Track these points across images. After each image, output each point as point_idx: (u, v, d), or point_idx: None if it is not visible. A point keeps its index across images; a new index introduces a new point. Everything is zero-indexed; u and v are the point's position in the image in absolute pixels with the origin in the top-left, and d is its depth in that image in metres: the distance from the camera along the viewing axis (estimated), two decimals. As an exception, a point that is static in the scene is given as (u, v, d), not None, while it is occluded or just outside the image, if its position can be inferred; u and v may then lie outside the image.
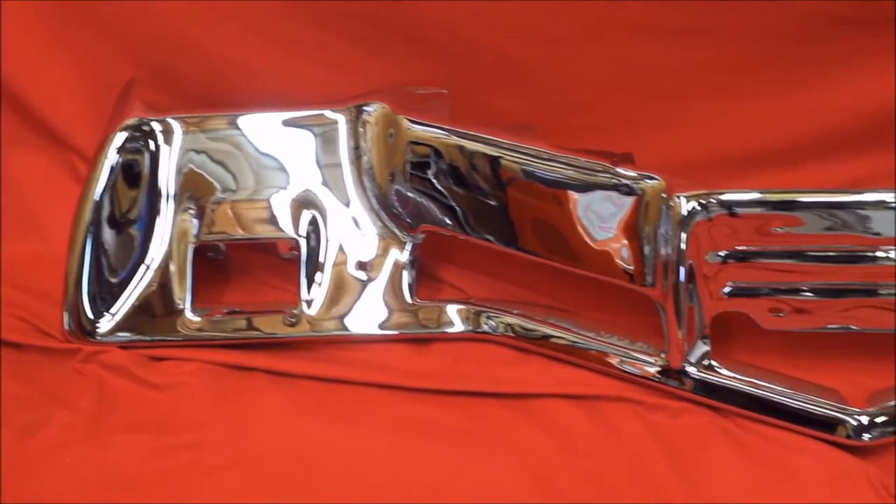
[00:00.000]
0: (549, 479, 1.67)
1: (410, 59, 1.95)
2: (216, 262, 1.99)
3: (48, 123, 2.04)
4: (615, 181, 1.73)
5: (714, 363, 1.77)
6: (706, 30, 1.88)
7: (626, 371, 1.81)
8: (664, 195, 1.70)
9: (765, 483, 1.68)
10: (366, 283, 1.89)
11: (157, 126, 1.88)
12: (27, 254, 2.00)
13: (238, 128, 1.89)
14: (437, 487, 1.66)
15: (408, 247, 1.90)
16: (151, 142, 1.88)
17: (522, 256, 1.83)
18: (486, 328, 1.88)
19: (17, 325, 1.89)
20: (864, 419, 1.72)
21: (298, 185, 1.89)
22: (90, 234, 1.86)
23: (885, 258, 1.68)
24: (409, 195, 1.87)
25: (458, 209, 1.84)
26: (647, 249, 1.72)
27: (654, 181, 1.71)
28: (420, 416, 1.76)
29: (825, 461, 1.70)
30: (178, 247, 1.88)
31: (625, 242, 1.74)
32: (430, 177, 1.85)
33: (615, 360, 1.82)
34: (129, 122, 1.87)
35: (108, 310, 1.87)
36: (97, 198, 1.86)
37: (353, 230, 1.90)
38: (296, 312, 1.88)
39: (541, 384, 1.81)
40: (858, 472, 1.68)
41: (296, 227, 1.89)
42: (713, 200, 1.68)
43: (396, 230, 1.89)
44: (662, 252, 1.71)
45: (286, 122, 1.89)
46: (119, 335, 1.87)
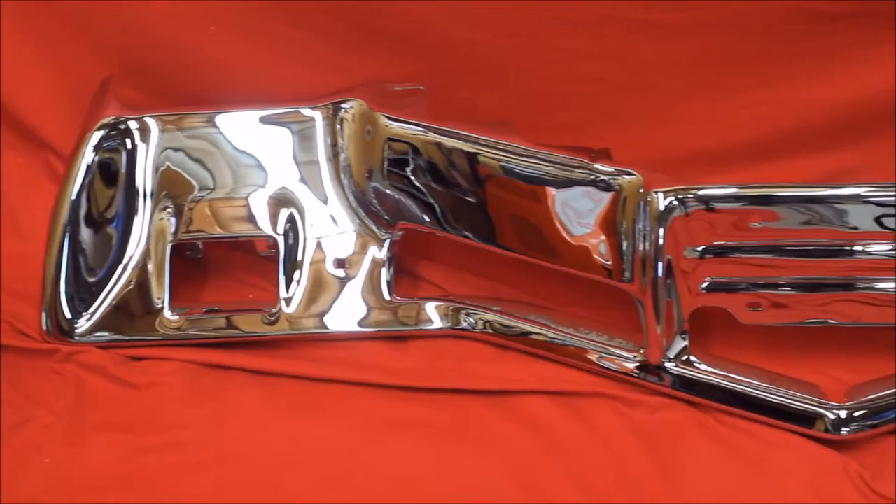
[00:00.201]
0: (529, 476, 1.67)
1: (388, 56, 1.95)
2: (194, 261, 1.98)
3: (24, 122, 2.03)
4: (593, 177, 1.73)
5: (693, 358, 1.78)
6: (685, 26, 1.88)
7: (605, 367, 1.81)
8: (642, 190, 1.70)
9: (744, 477, 1.68)
10: (344, 281, 1.89)
11: (134, 124, 1.87)
12: (4, 253, 1.99)
13: (215, 126, 1.89)
14: (417, 484, 1.66)
15: (386, 244, 1.89)
16: (128, 140, 1.87)
17: (501, 253, 1.83)
18: (465, 325, 1.88)
19: (-5, 326, 1.89)
20: (843, 413, 1.72)
21: (276, 183, 1.89)
22: (67, 234, 1.86)
23: (863, 252, 1.68)
24: (387, 192, 1.87)
25: (437, 206, 1.84)
26: (625, 245, 1.72)
27: (632, 177, 1.71)
28: (399, 414, 1.76)
29: (804, 455, 1.71)
30: (156, 246, 1.87)
31: (603, 238, 1.74)
32: (408, 174, 1.84)
33: (594, 356, 1.82)
34: (106, 121, 1.87)
35: (87, 309, 1.87)
36: (74, 197, 1.86)
37: (331, 228, 1.89)
38: (274, 311, 1.87)
39: (520, 381, 1.81)
40: (837, 466, 1.68)
41: (274, 225, 1.89)
42: (690, 195, 1.69)
43: (374, 227, 1.89)
44: (640, 247, 1.71)
45: (263, 120, 1.89)
46: (97, 335, 1.86)
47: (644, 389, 1.79)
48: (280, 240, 1.89)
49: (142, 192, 1.88)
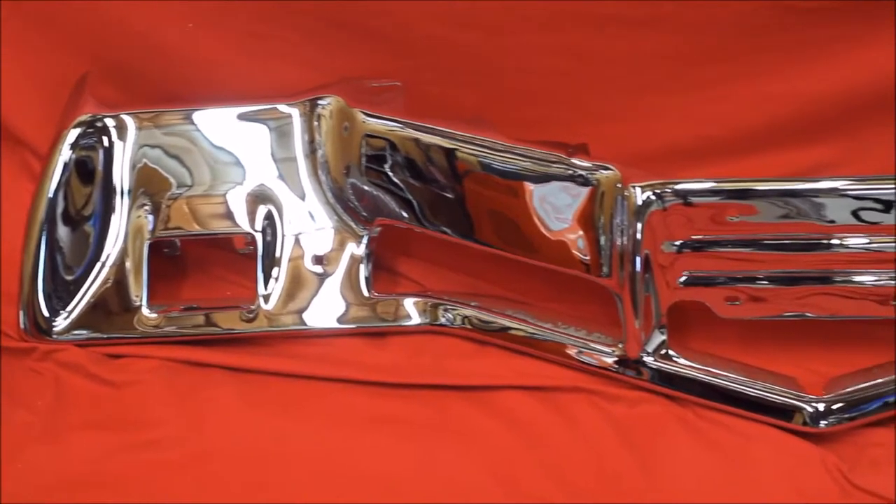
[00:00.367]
0: (508, 471, 1.67)
1: (364, 52, 1.94)
2: (172, 259, 1.98)
3: (0, 121, 2.02)
4: (570, 172, 1.73)
5: (671, 352, 1.78)
6: (659, 21, 1.87)
7: (584, 362, 1.81)
8: (619, 185, 1.70)
9: (723, 471, 1.69)
10: (323, 278, 1.89)
11: (111, 122, 1.87)
12: (-19, 252, 1.99)
13: (192, 123, 1.88)
14: (396, 480, 1.66)
15: (364, 240, 1.89)
16: (105, 138, 1.87)
17: (479, 248, 1.83)
18: (444, 321, 1.88)
19: (-28, 325, 1.88)
20: (821, 406, 1.73)
21: (254, 180, 1.89)
22: (45, 232, 1.85)
23: (840, 245, 1.69)
24: (365, 188, 1.86)
25: (415, 202, 1.84)
26: (603, 240, 1.72)
27: (609, 171, 1.71)
28: (378, 410, 1.76)
29: (782, 448, 1.71)
30: (134, 243, 1.87)
31: (580, 233, 1.74)
32: (386, 170, 1.84)
33: (573, 351, 1.82)
34: (82, 119, 1.86)
35: (64, 308, 1.86)
36: (51, 195, 1.85)
37: (309, 224, 1.89)
38: (253, 308, 1.87)
39: (499, 376, 1.81)
40: (815, 459, 1.69)
41: (251, 222, 1.88)
42: (668, 190, 1.69)
43: (353, 224, 1.89)
44: (618, 242, 1.71)
45: (240, 117, 1.88)
46: (75, 333, 1.86)
47: (623, 384, 1.79)
48: (258, 236, 1.88)
49: (119, 190, 1.87)
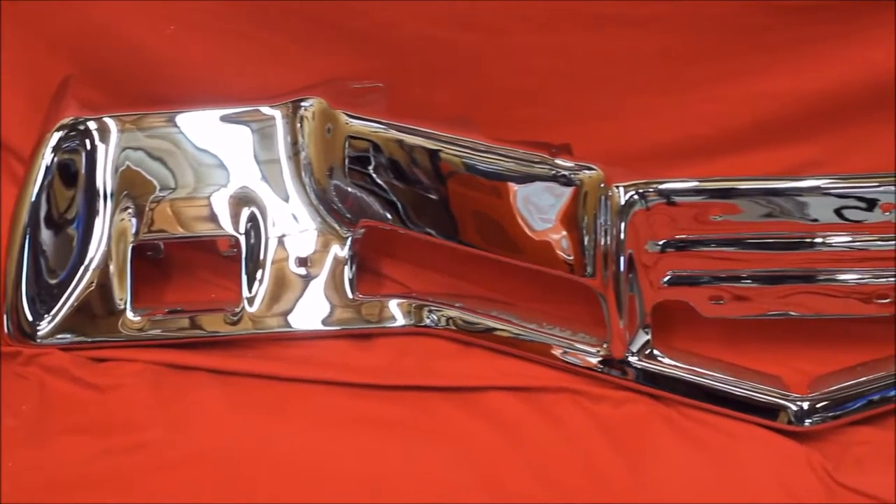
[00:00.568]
0: (493, 472, 1.67)
1: (346, 53, 1.94)
2: (156, 262, 1.97)
3: (-17, 125, 2.02)
4: (553, 172, 1.73)
5: (656, 352, 1.78)
6: (645, 21, 1.88)
7: (569, 362, 1.81)
8: (603, 185, 1.70)
9: (709, 470, 1.68)
10: (307, 280, 1.88)
11: (93, 125, 1.86)
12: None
13: (175, 125, 1.88)
14: (381, 481, 1.66)
15: (348, 242, 1.89)
16: (87, 141, 1.86)
17: (463, 249, 1.83)
18: (429, 322, 1.88)
19: (-45, 329, 1.88)
20: (806, 405, 1.73)
21: (237, 182, 1.88)
22: (28, 236, 1.85)
23: (823, 244, 1.69)
24: (349, 190, 1.86)
25: (398, 203, 1.84)
26: (587, 240, 1.72)
27: (593, 171, 1.71)
28: (363, 412, 1.75)
29: (767, 447, 1.71)
30: (117, 246, 1.87)
31: (564, 233, 1.74)
32: (369, 171, 1.84)
33: (558, 352, 1.82)
34: (65, 122, 1.86)
35: (48, 312, 1.85)
36: (34, 198, 1.84)
37: (293, 226, 1.89)
38: (237, 310, 1.87)
39: (484, 377, 1.81)
40: (801, 458, 1.69)
41: (235, 225, 1.88)
42: (651, 189, 1.69)
43: (336, 225, 1.89)
44: (602, 242, 1.71)
45: (223, 119, 1.88)
46: (59, 337, 1.85)
47: (608, 384, 1.79)
48: (242, 239, 1.88)
49: (102, 193, 1.87)
